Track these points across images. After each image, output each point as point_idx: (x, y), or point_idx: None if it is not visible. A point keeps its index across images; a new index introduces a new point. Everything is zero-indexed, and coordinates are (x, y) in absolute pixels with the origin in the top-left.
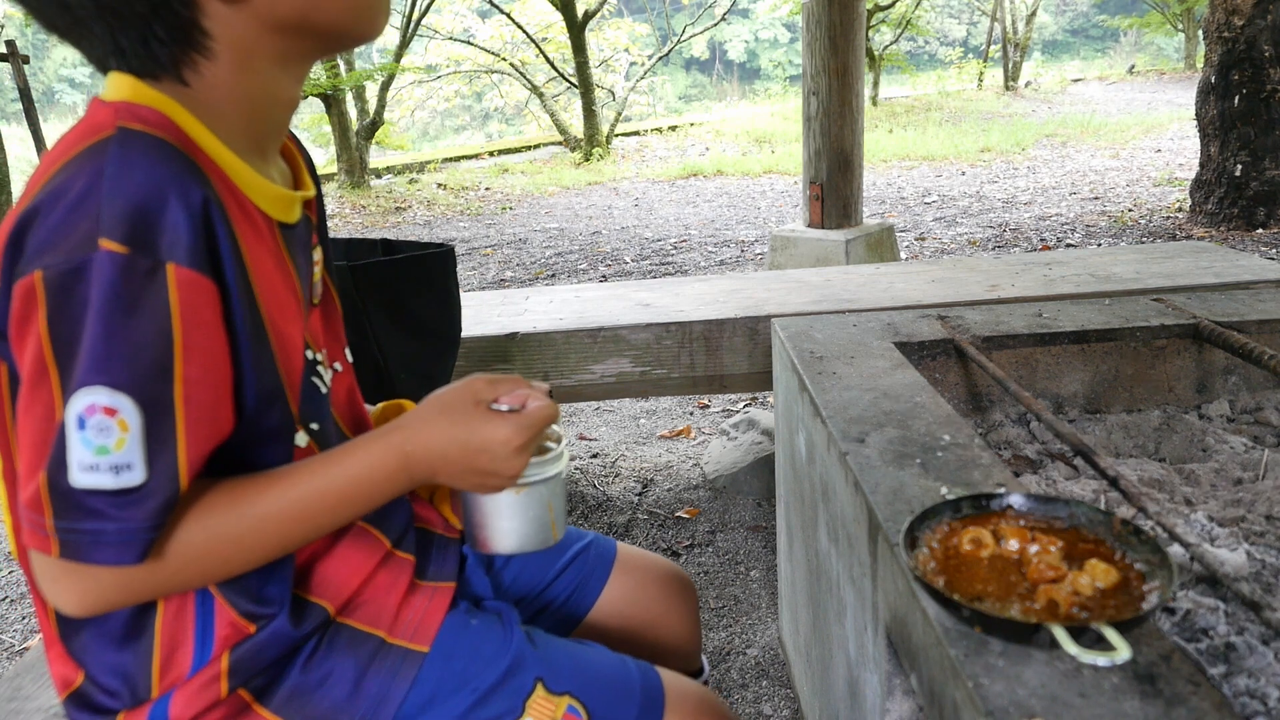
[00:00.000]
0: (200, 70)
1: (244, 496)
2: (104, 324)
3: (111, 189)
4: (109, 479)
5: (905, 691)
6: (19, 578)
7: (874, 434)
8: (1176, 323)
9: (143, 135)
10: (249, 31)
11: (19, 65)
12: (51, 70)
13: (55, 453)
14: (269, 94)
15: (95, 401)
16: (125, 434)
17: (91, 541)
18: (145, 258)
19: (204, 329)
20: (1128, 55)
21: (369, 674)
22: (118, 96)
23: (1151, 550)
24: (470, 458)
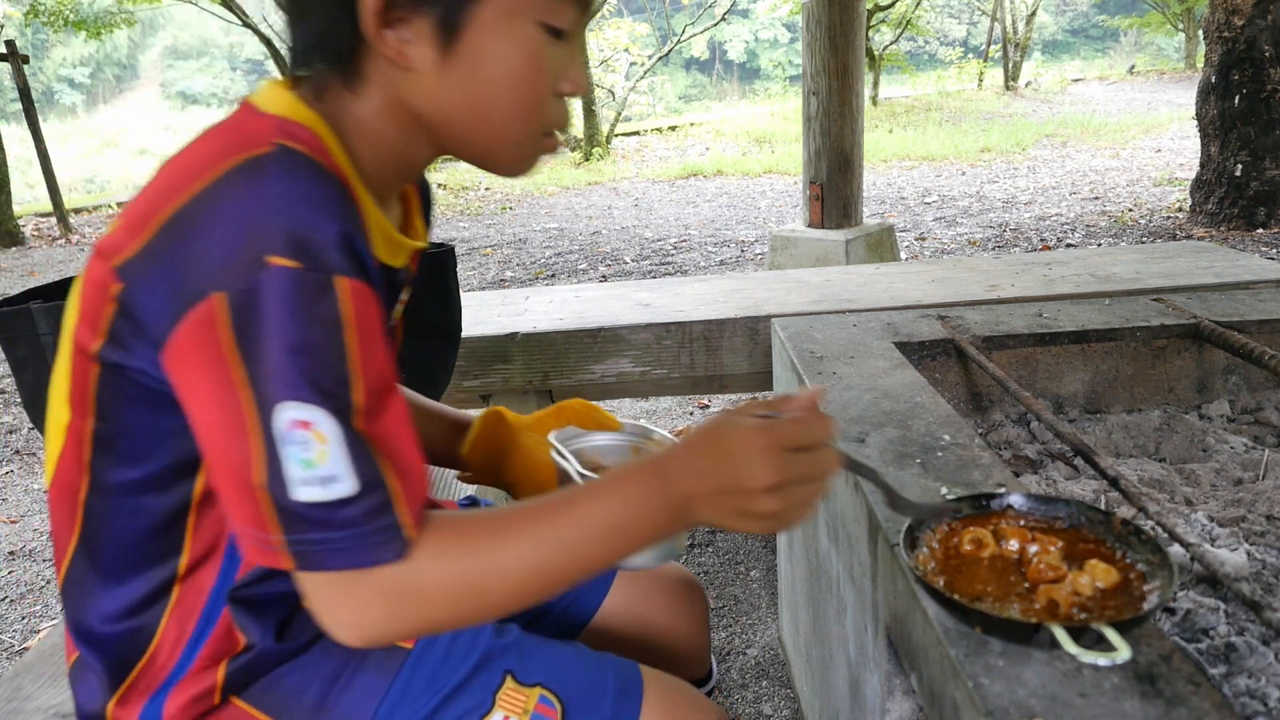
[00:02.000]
0: (347, 102)
1: (483, 541)
2: (286, 339)
3: (276, 207)
4: (321, 491)
5: (905, 691)
6: (19, 578)
7: (874, 434)
8: (1177, 323)
9: (301, 156)
10: (396, 97)
11: (19, 65)
12: (51, 70)
13: (271, 470)
14: (401, 151)
15: (294, 416)
16: (324, 445)
17: (324, 550)
18: (316, 271)
19: (374, 336)
20: (1128, 55)
21: (350, 669)
22: (275, 110)
23: (1152, 550)
24: (718, 472)
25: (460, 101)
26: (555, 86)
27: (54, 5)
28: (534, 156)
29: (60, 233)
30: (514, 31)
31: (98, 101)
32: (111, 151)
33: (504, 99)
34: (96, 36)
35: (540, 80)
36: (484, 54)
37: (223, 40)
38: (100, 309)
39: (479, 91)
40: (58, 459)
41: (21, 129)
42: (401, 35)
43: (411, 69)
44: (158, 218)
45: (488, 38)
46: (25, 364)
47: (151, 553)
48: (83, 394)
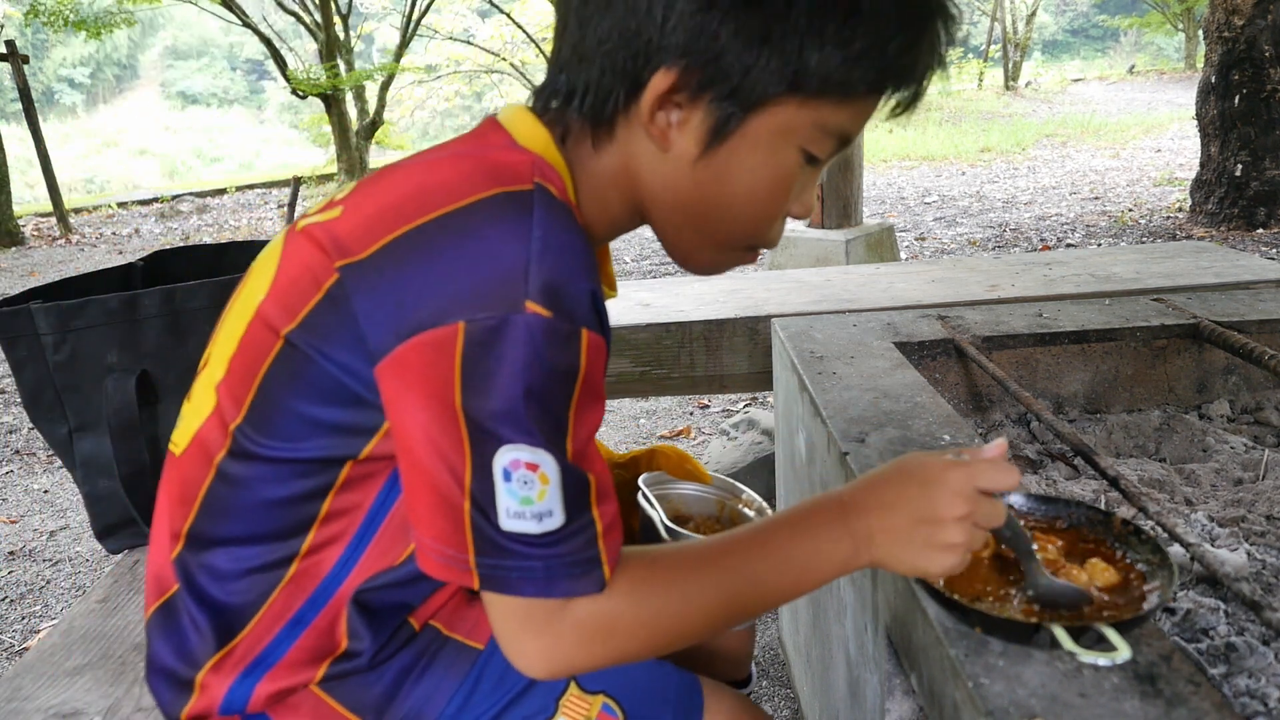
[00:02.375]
0: (585, 154)
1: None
2: (525, 384)
3: (540, 253)
4: (534, 525)
5: (905, 691)
6: (19, 578)
7: (874, 434)
8: (1176, 323)
9: (560, 203)
10: (635, 168)
11: (19, 65)
12: (51, 70)
13: (479, 498)
14: (615, 215)
15: (519, 458)
16: (546, 486)
17: (518, 577)
18: (565, 323)
19: (598, 387)
20: (1128, 55)
21: (422, 666)
22: (532, 145)
23: (1152, 550)
24: (905, 502)
25: (699, 199)
26: (787, 207)
27: (54, 5)
28: (729, 265)
29: (60, 233)
30: (776, 150)
31: (98, 101)
32: (111, 151)
33: (742, 210)
34: (96, 36)
35: (782, 200)
36: (742, 163)
37: (223, 40)
38: (305, 294)
39: (722, 196)
40: (205, 417)
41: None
42: (671, 120)
43: (669, 152)
44: (398, 228)
45: (751, 150)
46: (25, 364)
47: (278, 528)
48: (252, 364)
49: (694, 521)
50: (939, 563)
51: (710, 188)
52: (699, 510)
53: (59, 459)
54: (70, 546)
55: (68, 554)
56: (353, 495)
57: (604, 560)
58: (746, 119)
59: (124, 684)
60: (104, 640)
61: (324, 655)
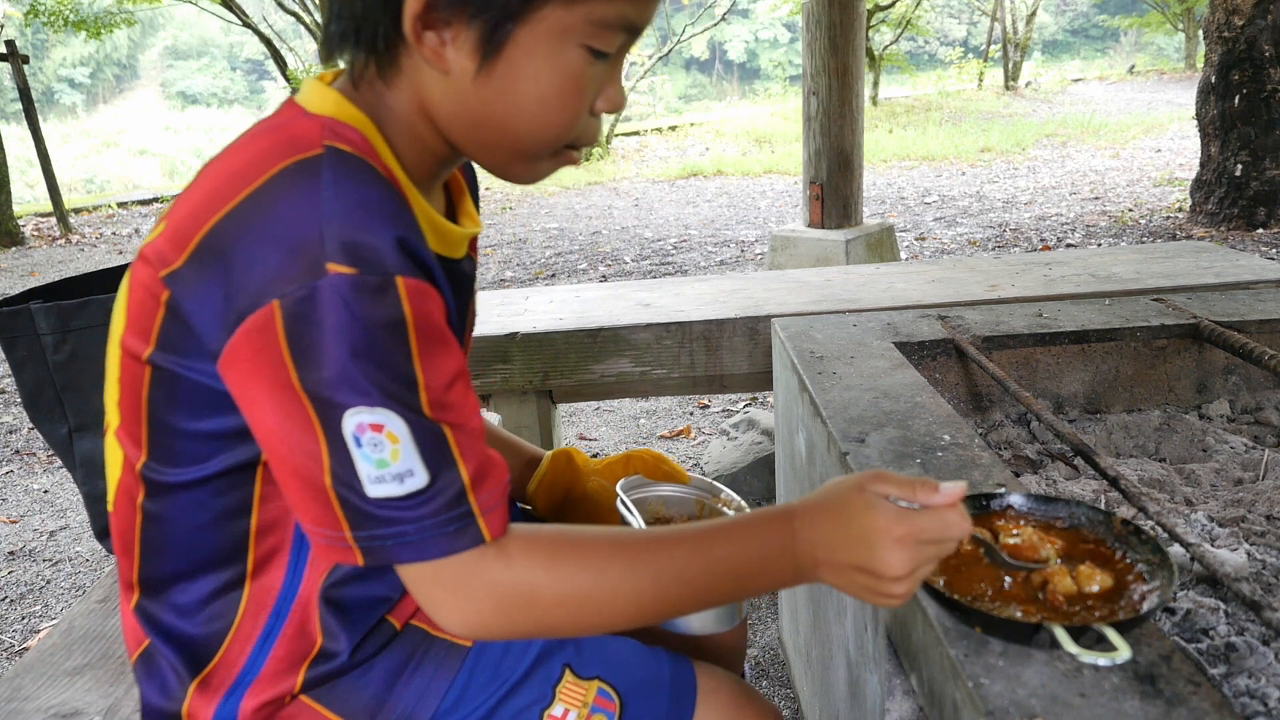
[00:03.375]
0: (383, 94)
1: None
2: (348, 345)
3: (331, 213)
4: (397, 487)
5: (905, 691)
6: (19, 578)
7: (874, 434)
8: (1176, 323)
9: (352, 158)
10: (426, 95)
11: (18, 65)
12: (51, 70)
13: (339, 471)
14: (435, 144)
15: (362, 420)
16: (396, 445)
17: (395, 544)
18: (373, 275)
19: (437, 333)
20: (1128, 55)
21: (411, 667)
22: (321, 110)
23: (1152, 550)
24: (849, 548)
25: (491, 113)
26: (592, 105)
27: (54, 5)
28: (549, 169)
29: (60, 233)
30: (556, 53)
31: (98, 101)
32: (111, 151)
33: (534, 117)
34: (96, 36)
35: (576, 101)
36: (523, 72)
37: (223, 40)
38: (149, 316)
39: (509, 106)
40: (120, 467)
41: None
42: (442, 38)
43: (448, 73)
44: (205, 225)
45: (529, 57)
46: (25, 364)
47: (217, 552)
48: (134, 399)
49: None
50: (883, 604)
51: (499, 101)
52: (679, 511)
53: (59, 459)
54: (70, 546)
55: (68, 554)
56: (277, 503)
57: (478, 514)
58: (515, 29)
59: (124, 684)
60: (104, 640)
61: (300, 659)
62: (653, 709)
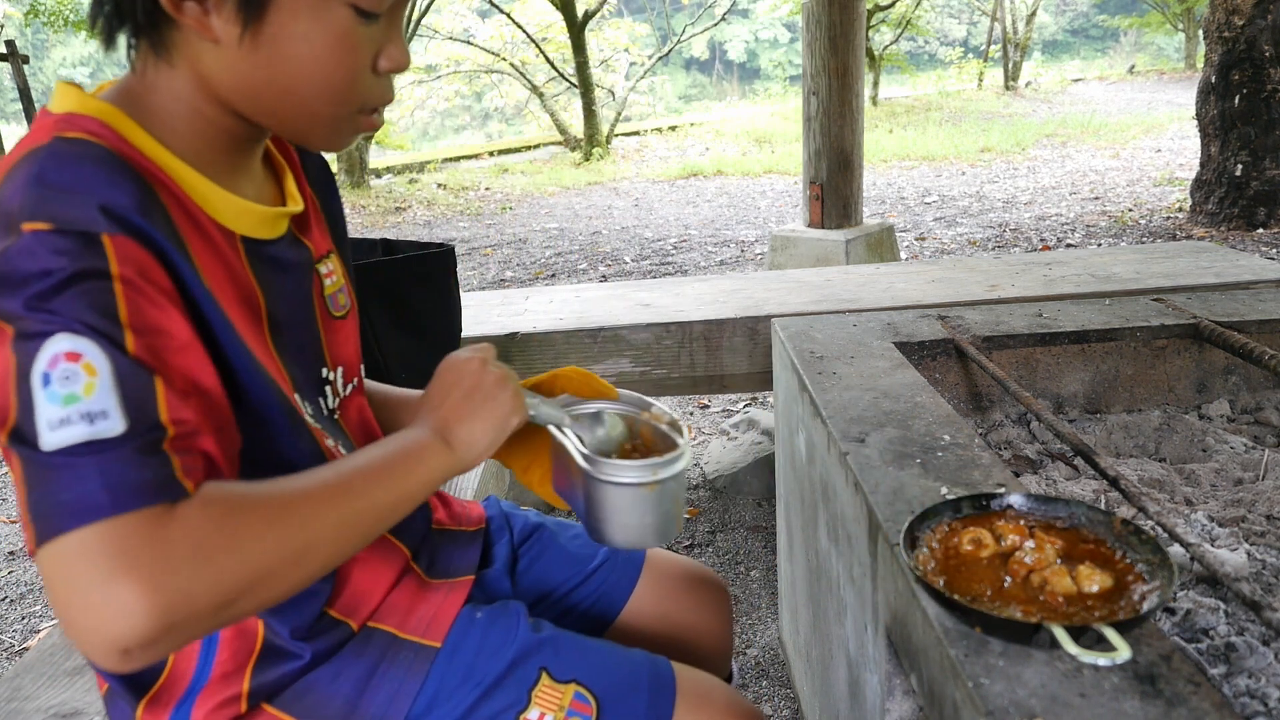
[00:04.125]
0: (162, 76)
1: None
2: (45, 286)
3: (33, 181)
4: (83, 429)
5: (905, 691)
6: (19, 578)
7: (874, 434)
8: (1176, 323)
9: (77, 140)
10: (202, 70)
11: (18, 65)
12: (51, 70)
13: (22, 417)
14: (223, 124)
15: (57, 350)
16: (93, 378)
17: (71, 500)
18: (71, 229)
19: (150, 295)
20: (1128, 55)
21: (380, 671)
22: (62, 108)
23: (1152, 550)
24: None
25: (266, 79)
26: (374, 64)
27: (54, 5)
28: (350, 134)
29: None
30: (321, 14)
31: None
32: None
33: (311, 80)
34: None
35: (350, 61)
36: (289, 34)
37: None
38: None
39: (284, 71)
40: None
41: (21, 129)
42: (204, 7)
43: (218, 41)
44: None
45: (293, 18)
46: None
47: None
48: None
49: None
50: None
51: (275, 66)
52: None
53: None
54: None
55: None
56: None
57: (177, 466)
58: None
59: None
60: None
61: (245, 657)
62: (630, 710)
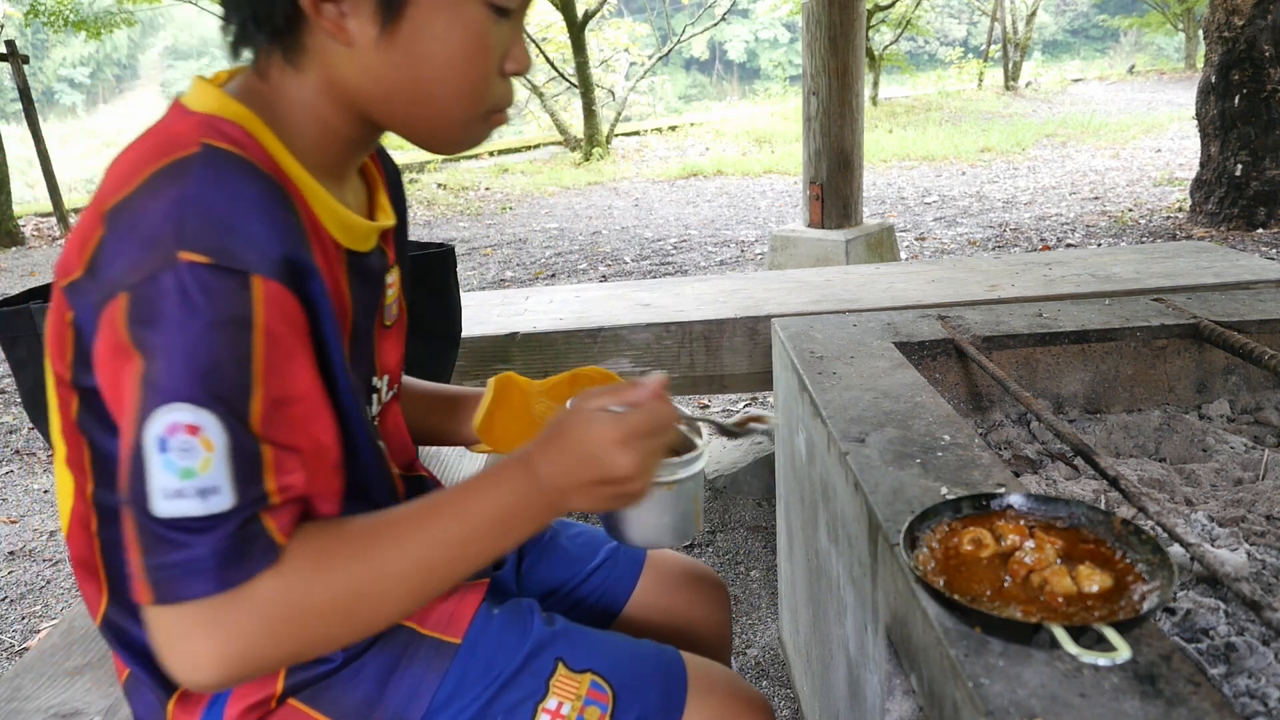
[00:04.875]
0: (290, 82)
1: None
2: (185, 337)
3: (195, 204)
4: (196, 504)
5: (905, 691)
6: (19, 578)
7: (874, 434)
8: (1176, 323)
9: (228, 155)
10: (336, 74)
11: (18, 65)
12: (51, 70)
13: (134, 483)
14: (345, 130)
15: (177, 420)
16: (210, 454)
17: (183, 575)
18: (228, 268)
19: (287, 346)
20: (1128, 55)
21: (401, 666)
22: (202, 107)
23: (1152, 550)
24: (581, 467)
25: (401, 81)
26: (500, 66)
27: (54, 5)
28: (478, 135)
29: (60, 233)
30: (458, 12)
31: (98, 101)
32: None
33: (447, 80)
34: (96, 36)
35: (485, 60)
36: (427, 34)
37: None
38: (64, 336)
39: (421, 72)
40: (71, 496)
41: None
42: (342, 9)
43: (352, 45)
44: (95, 235)
45: (431, 17)
46: (25, 364)
47: None
48: (70, 424)
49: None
50: (630, 502)
51: (408, 68)
52: None
53: None
54: None
55: (68, 554)
56: None
57: (274, 530)
58: None
59: None
60: (104, 640)
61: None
62: (645, 700)
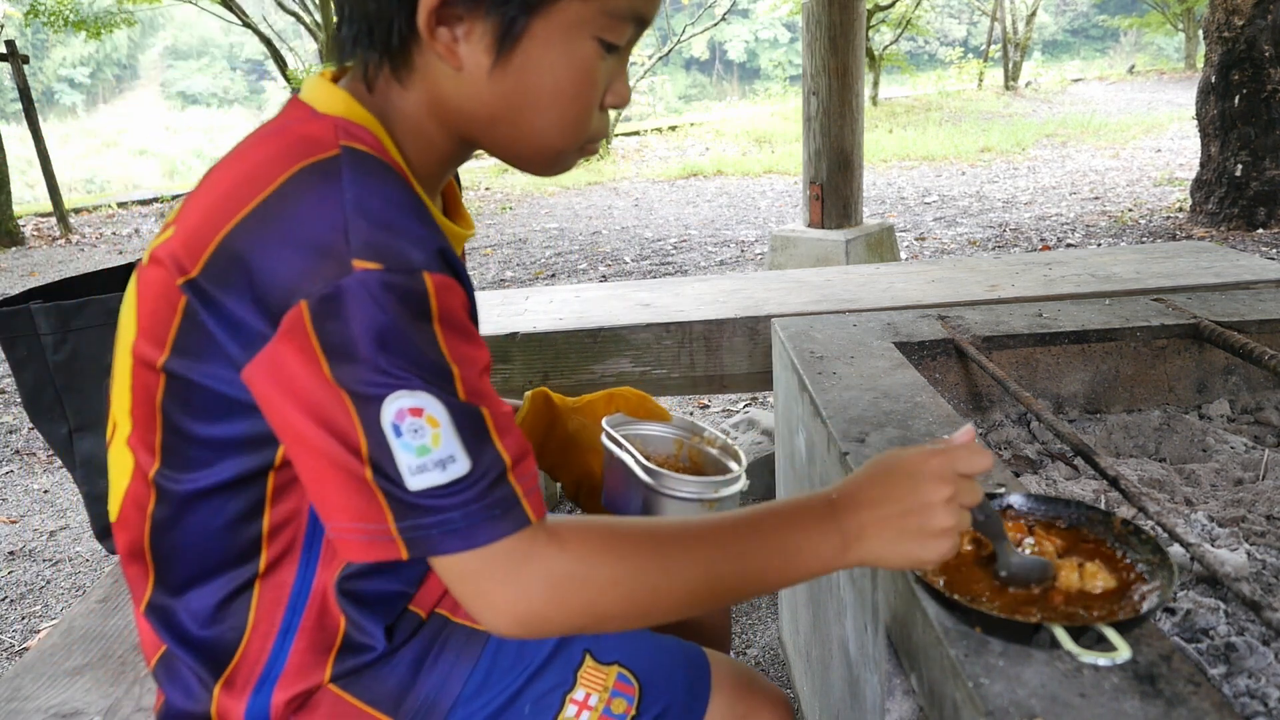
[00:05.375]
0: (394, 95)
1: (654, 544)
2: (380, 337)
3: (356, 211)
4: (439, 475)
5: (905, 691)
6: (18, 578)
7: (874, 434)
8: (1176, 323)
9: (369, 158)
10: (441, 94)
11: (19, 65)
12: (51, 70)
13: (379, 464)
14: (443, 146)
15: (403, 405)
16: (437, 429)
17: (440, 534)
18: (400, 271)
19: (463, 326)
20: (1128, 55)
21: (434, 653)
22: (331, 110)
23: (1152, 550)
24: (893, 493)
25: (507, 109)
26: (601, 99)
27: (54, 5)
28: (571, 163)
29: (60, 233)
30: (571, 46)
31: (98, 101)
32: (111, 151)
33: (552, 111)
34: (96, 36)
35: (591, 95)
36: (538, 65)
37: (223, 40)
38: (165, 323)
39: (527, 101)
40: (129, 476)
41: (21, 129)
42: (455, 34)
43: (461, 69)
44: (221, 230)
45: (544, 50)
46: (25, 364)
47: (230, 555)
48: (148, 407)
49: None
50: (933, 549)
51: (515, 96)
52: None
53: (59, 459)
54: (70, 546)
55: (68, 554)
56: (288, 504)
57: (520, 495)
58: (530, 21)
59: (124, 684)
60: (104, 640)
61: (325, 650)
62: (671, 692)
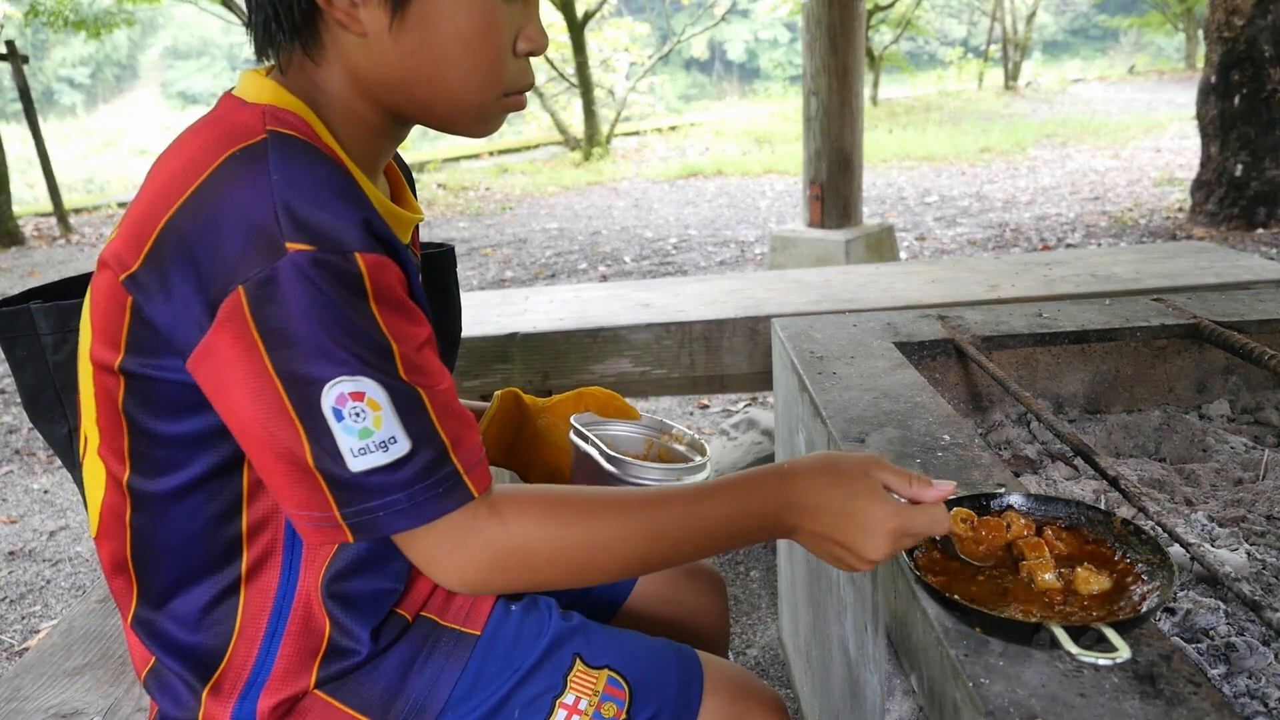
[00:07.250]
0: (316, 78)
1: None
2: (318, 320)
3: (285, 193)
4: (381, 456)
5: (905, 691)
6: (19, 578)
7: (874, 434)
8: (1176, 323)
9: (295, 140)
10: (354, 66)
11: (18, 65)
12: (51, 70)
13: (321, 449)
14: (374, 123)
15: (343, 390)
16: (378, 412)
17: (387, 514)
18: (332, 250)
19: (401, 304)
20: (1128, 55)
21: (422, 657)
22: (259, 98)
23: (1152, 550)
24: (839, 523)
25: (415, 65)
26: (514, 46)
27: (54, 5)
28: (498, 117)
29: (60, 233)
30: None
31: (98, 101)
32: (111, 151)
33: (459, 61)
34: (96, 36)
35: (496, 39)
36: (436, 16)
37: (223, 40)
38: (115, 323)
39: (433, 54)
40: (104, 487)
41: (21, 129)
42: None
43: (365, 34)
44: (158, 223)
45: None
46: (25, 364)
47: (211, 557)
48: (111, 412)
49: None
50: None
51: (420, 51)
52: (628, 449)
53: (59, 459)
54: (70, 546)
55: (68, 554)
56: (264, 502)
57: (462, 472)
58: None
59: (124, 684)
60: (104, 640)
61: (311, 655)
62: (662, 696)
